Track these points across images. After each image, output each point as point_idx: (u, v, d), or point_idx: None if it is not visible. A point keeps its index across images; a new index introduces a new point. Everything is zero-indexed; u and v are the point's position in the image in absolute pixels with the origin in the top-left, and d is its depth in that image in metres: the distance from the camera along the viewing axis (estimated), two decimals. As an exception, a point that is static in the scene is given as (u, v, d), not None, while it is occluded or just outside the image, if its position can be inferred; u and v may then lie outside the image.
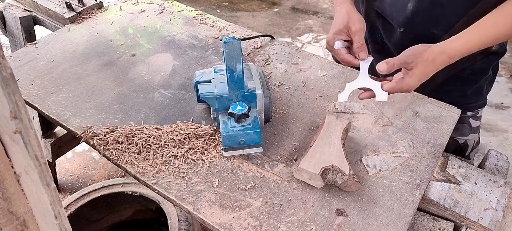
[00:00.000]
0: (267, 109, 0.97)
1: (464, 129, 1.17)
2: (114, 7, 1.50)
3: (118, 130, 0.98)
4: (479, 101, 1.17)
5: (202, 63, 1.24)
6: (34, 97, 1.09)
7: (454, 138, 1.18)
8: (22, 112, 0.36)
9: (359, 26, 0.92)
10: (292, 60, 1.25)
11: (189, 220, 1.38)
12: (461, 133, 1.17)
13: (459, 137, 1.18)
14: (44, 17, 1.51)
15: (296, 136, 1.00)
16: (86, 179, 2.11)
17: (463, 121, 1.16)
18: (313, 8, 3.72)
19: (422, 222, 0.88)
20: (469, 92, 1.14)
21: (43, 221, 0.47)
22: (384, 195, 0.86)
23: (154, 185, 0.88)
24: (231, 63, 0.90)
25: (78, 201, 1.45)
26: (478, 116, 1.18)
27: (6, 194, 0.43)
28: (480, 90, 1.15)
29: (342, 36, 0.95)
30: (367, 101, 1.08)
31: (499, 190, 0.88)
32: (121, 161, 0.92)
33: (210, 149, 0.95)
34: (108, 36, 1.35)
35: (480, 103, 1.17)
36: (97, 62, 1.23)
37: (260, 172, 0.91)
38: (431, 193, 0.88)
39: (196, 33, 1.37)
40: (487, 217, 0.84)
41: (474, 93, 1.15)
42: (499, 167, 0.98)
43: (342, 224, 0.81)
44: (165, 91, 1.13)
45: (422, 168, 0.92)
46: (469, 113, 1.16)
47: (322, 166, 0.84)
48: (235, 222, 0.81)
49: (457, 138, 1.18)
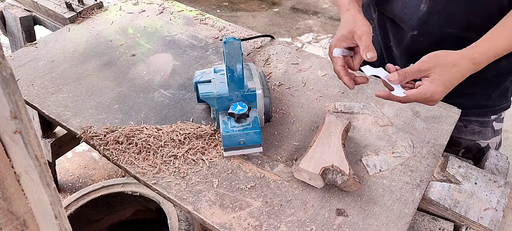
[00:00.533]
0: (267, 109, 0.97)
1: (487, 132, 1.12)
2: (114, 7, 1.50)
3: (118, 130, 0.98)
4: (504, 104, 1.11)
5: (202, 63, 1.24)
6: (34, 97, 1.09)
7: (476, 142, 1.13)
8: (22, 112, 0.36)
9: (365, 29, 0.86)
10: (292, 60, 1.25)
11: (189, 220, 1.38)
12: (484, 137, 1.13)
13: (481, 140, 1.13)
14: (44, 17, 1.51)
15: (296, 136, 1.00)
16: (86, 179, 2.11)
17: (486, 124, 1.11)
18: (313, 8, 3.72)
19: (422, 222, 0.88)
20: (494, 95, 1.08)
21: (43, 221, 0.47)
22: (384, 195, 0.86)
23: (154, 185, 0.88)
24: (231, 63, 0.90)
25: (78, 201, 1.45)
26: (501, 118, 1.13)
27: (6, 194, 0.43)
28: (505, 92, 1.10)
29: (345, 43, 0.89)
30: (367, 101, 1.08)
31: (499, 190, 0.88)
32: (121, 161, 0.92)
33: (210, 149, 0.95)
34: (108, 36, 1.35)
35: (505, 106, 1.12)
36: (97, 62, 1.23)
37: (260, 172, 0.91)
38: (431, 193, 0.88)
39: (196, 33, 1.37)
40: (487, 217, 0.84)
41: (499, 96, 1.09)
42: (499, 167, 0.98)
43: (342, 224, 0.81)
44: (165, 91, 1.13)
45: (422, 168, 0.92)
46: (493, 117, 1.11)
47: (322, 166, 0.84)
48: (235, 222, 0.81)
49: (479, 141, 1.13)
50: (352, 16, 0.90)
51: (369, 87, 1.13)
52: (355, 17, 0.90)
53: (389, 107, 1.07)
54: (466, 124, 1.11)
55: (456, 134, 1.11)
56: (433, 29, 1.00)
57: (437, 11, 0.97)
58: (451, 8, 0.95)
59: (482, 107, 1.05)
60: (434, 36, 1.01)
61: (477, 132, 1.12)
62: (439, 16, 0.97)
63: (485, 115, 1.10)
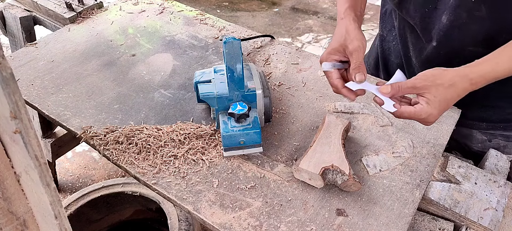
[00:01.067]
0: (267, 109, 0.97)
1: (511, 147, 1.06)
2: (114, 7, 1.50)
3: (118, 130, 0.98)
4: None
5: (202, 63, 1.24)
6: (34, 97, 1.09)
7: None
8: (22, 112, 0.36)
9: (357, 45, 0.82)
10: (292, 60, 1.25)
11: (189, 220, 1.38)
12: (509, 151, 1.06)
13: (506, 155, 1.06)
14: (44, 17, 1.51)
15: (296, 136, 1.00)
16: (86, 179, 2.11)
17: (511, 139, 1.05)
18: (313, 8, 3.72)
19: (422, 222, 0.88)
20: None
21: (43, 221, 0.47)
22: (384, 195, 0.86)
23: (154, 185, 0.88)
24: (231, 63, 0.90)
25: (78, 201, 1.45)
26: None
27: (6, 194, 0.43)
28: None
29: (336, 56, 0.85)
30: (367, 101, 1.08)
31: (499, 190, 0.88)
32: (121, 161, 0.92)
33: (210, 149, 0.95)
34: (108, 36, 1.35)
35: None
36: (97, 62, 1.23)
37: (260, 172, 0.91)
38: (431, 193, 0.88)
39: (196, 33, 1.37)
40: (487, 217, 0.84)
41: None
42: (499, 167, 0.98)
43: (342, 224, 0.81)
44: (165, 91, 1.13)
45: (422, 168, 0.92)
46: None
47: (322, 166, 0.84)
48: (235, 222, 0.81)
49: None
50: (346, 27, 0.85)
51: (369, 87, 1.13)
52: (348, 29, 0.85)
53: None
54: (491, 138, 1.06)
55: (481, 148, 1.07)
56: (453, 44, 0.94)
57: (459, 26, 0.90)
58: (473, 24, 0.89)
59: (508, 121, 1.00)
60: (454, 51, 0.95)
61: (502, 146, 1.07)
62: (460, 31, 0.91)
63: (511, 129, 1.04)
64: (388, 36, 1.18)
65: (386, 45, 1.19)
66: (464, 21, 0.89)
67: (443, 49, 0.96)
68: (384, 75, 1.22)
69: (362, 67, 0.81)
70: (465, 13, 0.88)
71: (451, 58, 0.92)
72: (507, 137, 1.06)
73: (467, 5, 0.86)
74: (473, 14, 0.86)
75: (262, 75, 1.04)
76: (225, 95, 0.92)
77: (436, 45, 0.96)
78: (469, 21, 0.88)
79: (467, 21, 0.89)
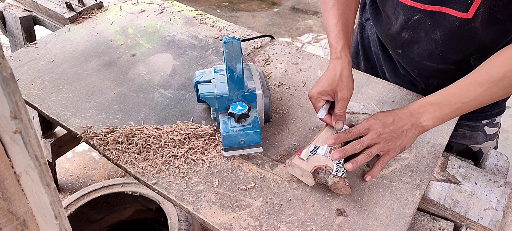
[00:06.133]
0: (267, 109, 0.97)
1: (478, 137, 1.12)
2: (114, 7, 1.50)
3: (118, 130, 0.98)
4: (495, 110, 1.10)
5: (202, 63, 1.24)
6: (34, 97, 1.09)
7: (468, 146, 1.13)
8: (22, 112, 0.36)
9: (346, 95, 0.88)
10: (292, 60, 1.25)
11: (189, 220, 1.38)
12: (475, 141, 1.12)
13: (473, 145, 1.12)
14: (44, 17, 1.51)
15: (296, 136, 1.00)
16: (86, 179, 2.11)
17: (477, 129, 1.10)
18: (313, 8, 3.72)
19: (422, 222, 0.88)
20: None
21: (43, 221, 0.47)
22: (384, 195, 0.86)
23: (154, 185, 0.88)
24: (231, 63, 0.90)
25: (78, 201, 1.45)
26: (494, 123, 1.12)
27: (6, 194, 0.43)
28: None
29: (326, 97, 0.91)
30: (367, 101, 1.08)
31: (499, 190, 0.88)
32: (121, 161, 0.92)
33: (210, 149, 0.95)
34: (108, 36, 1.35)
35: (497, 111, 1.10)
36: (97, 62, 1.23)
37: (260, 172, 0.91)
38: (431, 193, 0.88)
39: (196, 33, 1.37)
40: (487, 217, 0.84)
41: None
42: (499, 167, 0.98)
43: (342, 224, 0.81)
44: (165, 91, 1.13)
45: (422, 168, 0.92)
46: (484, 121, 1.10)
47: (315, 165, 0.84)
48: (235, 222, 0.81)
49: (471, 146, 1.13)
50: (340, 71, 0.90)
51: (369, 87, 1.13)
52: (342, 74, 0.89)
53: (389, 107, 1.07)
54: (457, 128, 1.10)
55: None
56: (414, 58, 1.03)
57: (418, 42, 0.99)
58: (429, 44, 0.98)
59: (472, 112, 1.05)
60: (416, 66, 1.04)
61: (468, 136, 1.11)
62: (419, 46, 1.00)
63: (476, 120, 1.09)
64: (367, 25, 1.22)
65: (365, 33, 1.23)
66: (422, 39, 0.98)
67: (407, 58, 1.05)
68: (364, 63, 1.26)
69: (342, 116, 0.89)
70: (423, 33, 0.97)
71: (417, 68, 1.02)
72: (471, 127, 1.10)
73: (425, 27, 0.96)
74: (429, 35, 0.96)
75: (262, 75, 1.04)
76: (225, 95, 0.92)
77: (401, 53, 1.06)
78: (426, 40, 0.98)
79: (424, 40, 0.98)
